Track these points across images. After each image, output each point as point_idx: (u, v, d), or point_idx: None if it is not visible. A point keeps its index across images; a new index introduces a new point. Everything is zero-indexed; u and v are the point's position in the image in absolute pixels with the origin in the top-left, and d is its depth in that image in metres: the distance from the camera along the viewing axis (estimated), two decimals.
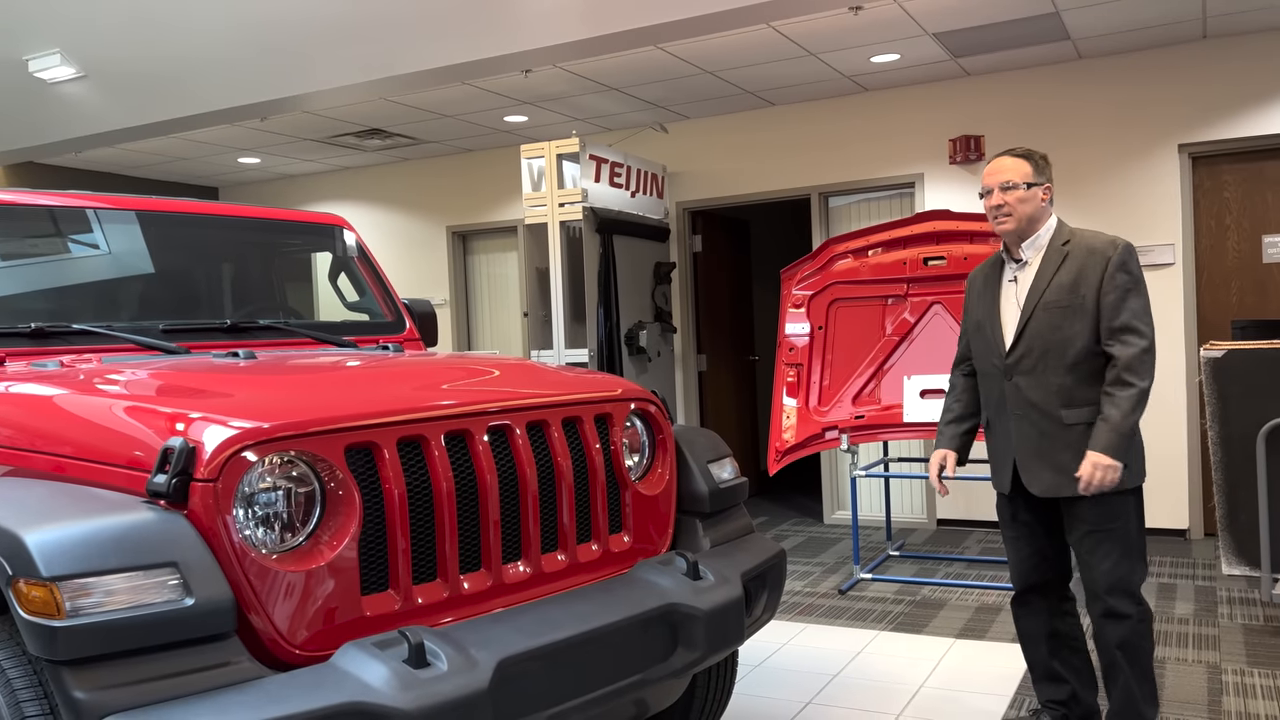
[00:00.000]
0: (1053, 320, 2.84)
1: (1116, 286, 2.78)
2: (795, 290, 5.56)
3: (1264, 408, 4.07)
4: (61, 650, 1.70)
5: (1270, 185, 5.84)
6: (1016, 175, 2.92)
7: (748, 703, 3.64)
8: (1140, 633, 2.82)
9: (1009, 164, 2.94)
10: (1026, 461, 2.90)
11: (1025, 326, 2.89)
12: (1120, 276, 2.79)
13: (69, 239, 3.14)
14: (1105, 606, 2.83)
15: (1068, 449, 2.83)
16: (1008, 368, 2.92)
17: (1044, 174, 2.93)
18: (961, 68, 6.25)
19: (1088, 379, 2.81)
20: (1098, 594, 2.83)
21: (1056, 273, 2.86)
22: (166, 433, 2.05)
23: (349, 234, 3.84)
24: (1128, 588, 2.82)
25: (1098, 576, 2.83)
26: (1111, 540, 2.82)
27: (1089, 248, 2.85)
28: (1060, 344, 2.83)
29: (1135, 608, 2.82)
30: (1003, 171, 2.93)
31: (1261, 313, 5.87)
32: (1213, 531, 6.00)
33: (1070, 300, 2.82)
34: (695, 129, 7.38)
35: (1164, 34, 5.70)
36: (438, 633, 2.02)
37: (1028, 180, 2.91)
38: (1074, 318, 2.82)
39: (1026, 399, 2.88)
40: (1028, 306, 2.89)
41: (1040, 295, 2.87)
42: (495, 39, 5.23)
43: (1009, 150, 2.99)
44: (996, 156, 2.99)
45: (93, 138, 6.77)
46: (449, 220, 8.41)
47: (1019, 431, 2.91)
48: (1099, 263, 2.81)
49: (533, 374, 2.76)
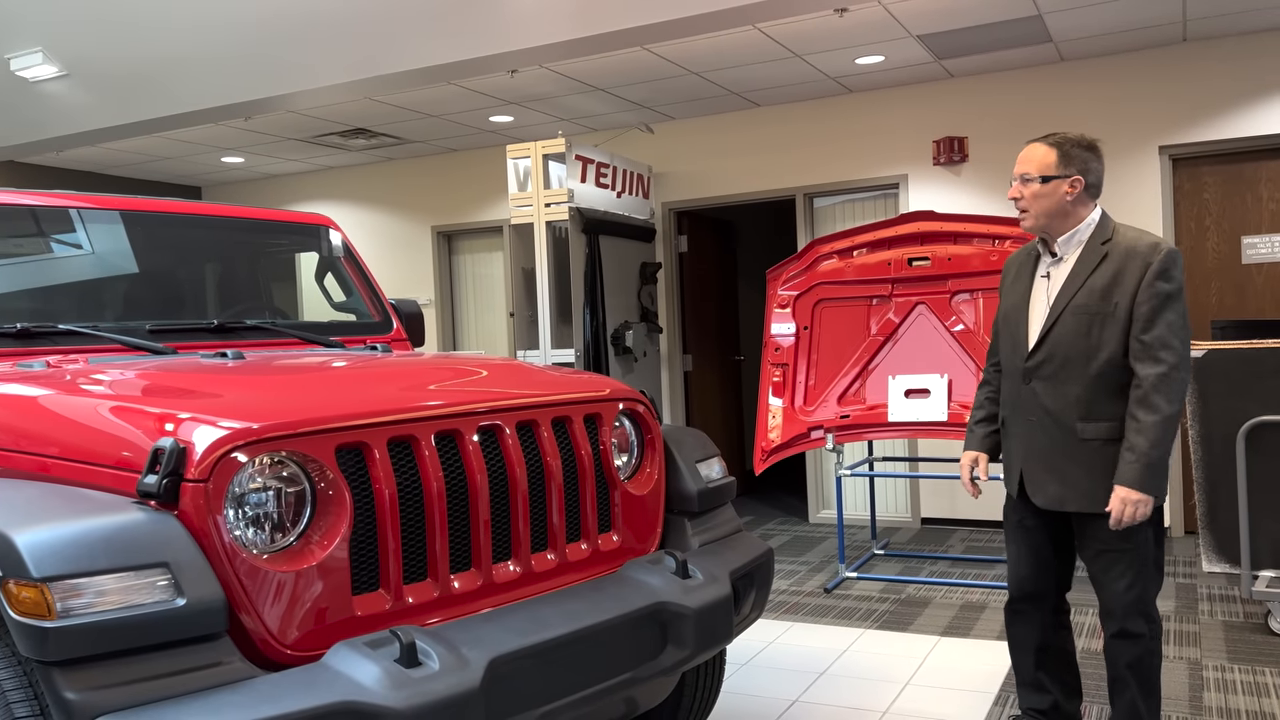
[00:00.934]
0: (1080, 326, 2.66)
1: (1154, 295, 2.59)
2: (781, 290, 5.58)
3: (1243, 407, 4.12)
4: (52, 651, 1.70)
5: (1249, 186, 5.91)
6: (1033, 167, 2.72)
7: (735, 700, 3.66)
8: (1152, 649, 2.71)
9: (1030, 153, 2.74)
10: (1033, 471, 2.78)
11: (1050, 329, 2.72)
12: (1159, 285, 2.59)
13: (54, 239, 3.13)
14: (1119, 627, 2.71)
15: (1078, 464, 2.69)
16: (1027, 371, 2.76)
17: (1073, 165, 2.69)
18: (945, 69, 6.29)
19: (1111, 392, 2.65)
20: (1113, 613, 2.72)
21: (1092, 274, 2.67)
22: (156, 433, 2.05)
23: (335, 234, 3.83)
24: (1142, 607, 2.69)
25: (1113, 597, 2.71)
26: (1127, 560, 2.68)
27: (1129, 249, 2.65)
28: (1085, 352, 2.65)
29: (1149, 626, 2.70)
30: (1022, 161, 2.75)
31: (1240, 313, 5.94)
32: (1194, 529, 6.06)
33: (1102, 306, 2.64)
34: (681, 129, 7.40)
35: (1145, 37, 5.76)
36: (429, 632, 2.03)
37: (1045, 173, 2.70)
38: (1104, 325, 2.64)
39: (1042, 406, 2.73)
40: (1056, 307, 2.72)
41: (1071, 297, 2.69)
42: (481, 39, 5.23)
43: (1044, 136, 2.76)
44: (1029, 142, 2.79)
45: (75, 136, 6.72)
46: (434, 220, 8.39)
47: (1030, 438, 2.78)
48: (1138, 267, 2.61)
49: (522, 374, 2.77)
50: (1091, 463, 2.67)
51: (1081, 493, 2.69)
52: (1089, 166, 2.72)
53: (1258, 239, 5.89)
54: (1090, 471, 2.67)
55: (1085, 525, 2.75)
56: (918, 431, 5.18)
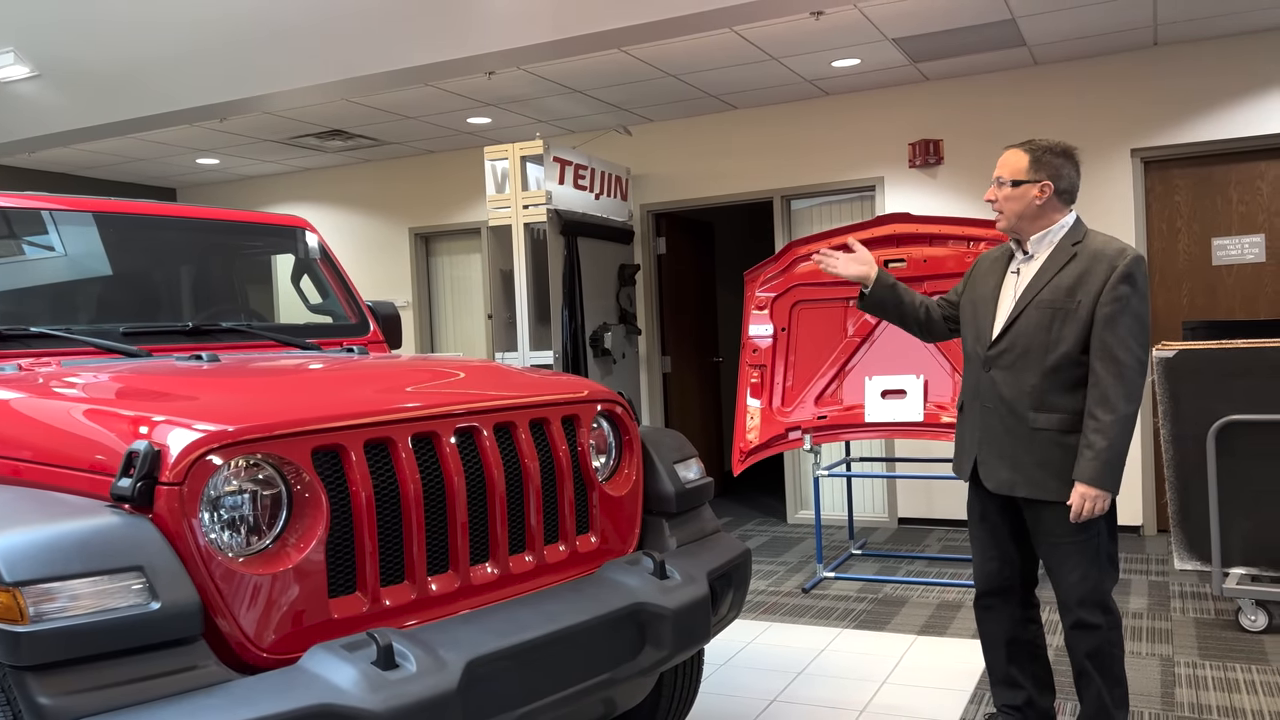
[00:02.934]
0: (1043, 319, 2.75)
1: (1116, 298, 2.66)
2: (759, 292, 5.61)
3: (1213, 407, 4.18)
4: (25, 656, 1.69)
5: (1219, 189, 5.98)
6: (1005, 171, 2.83)
7: (714, 701, 3.67)
8: (1111, 640, 2.77)
9: (1007, 158, 2.84)
10: (986, 456, 2.87)
11: (1014, 321, 2.81)
12: (1122, 288, 2.67)
13: (25, 241, 3.10)
14: (1075, 618, 2.78)
15: (1029, 452, 2.77)
16: (988, 359, 2.86)
17: (1044, 170, 2.78)
18: (921, 72, 6.34)
19: (1064, 386, 2.74)
20: (1068, 606, 2.79)
21: (1059, 273, 2.76)
22: (130, 436, 2.03)
23: (311, 235, 3.82)
24: (1098, 598, 2.76)
25: (1067, 589, 2.78)
26: (1080, 552, 2.75)
27: (1097, 252, 2.74)
28: (1045, 345, 2.74)
29: (1105, 617, 2.77)
30: (998, 166, 2.85)
31: (1211, 313, 6.02)
32: (1165, 528, 6.13)
33: (1065, 303, 2.73)
34: (658, 132, 7.41)
35: (1117, 41, 5.83)
36: (406, 634, 2.02)
37: (1016, 177, 2.80)
38: (1065, 321, 2.73)
39: (999, 394, 2.82)
40: (1021, 301, 2.81)
41: (1037, 292, 2.78)
42: (458, 41, 5.22)
43: (1023, 142, 2.87)
44: (1007, 147, 2.87)
45: (47, 138, 6.65)
46: (411, 222, 8.37)
47: (985, 424, 2.87)
48: (1103, 269, 2.69)
49: (499, 376, 2.77)
50: (1044, 454, 2.76)
51: (1031, 479, 2.78)
52: (1060, 173, 2.80)
53: (1228, 240, 5.97)
54: (1041, 462, 2.76)
55: (1037, 518, 2.82)
56: (894, 432, 5.21)
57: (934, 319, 3.12)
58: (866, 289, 3.08)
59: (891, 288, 3.08)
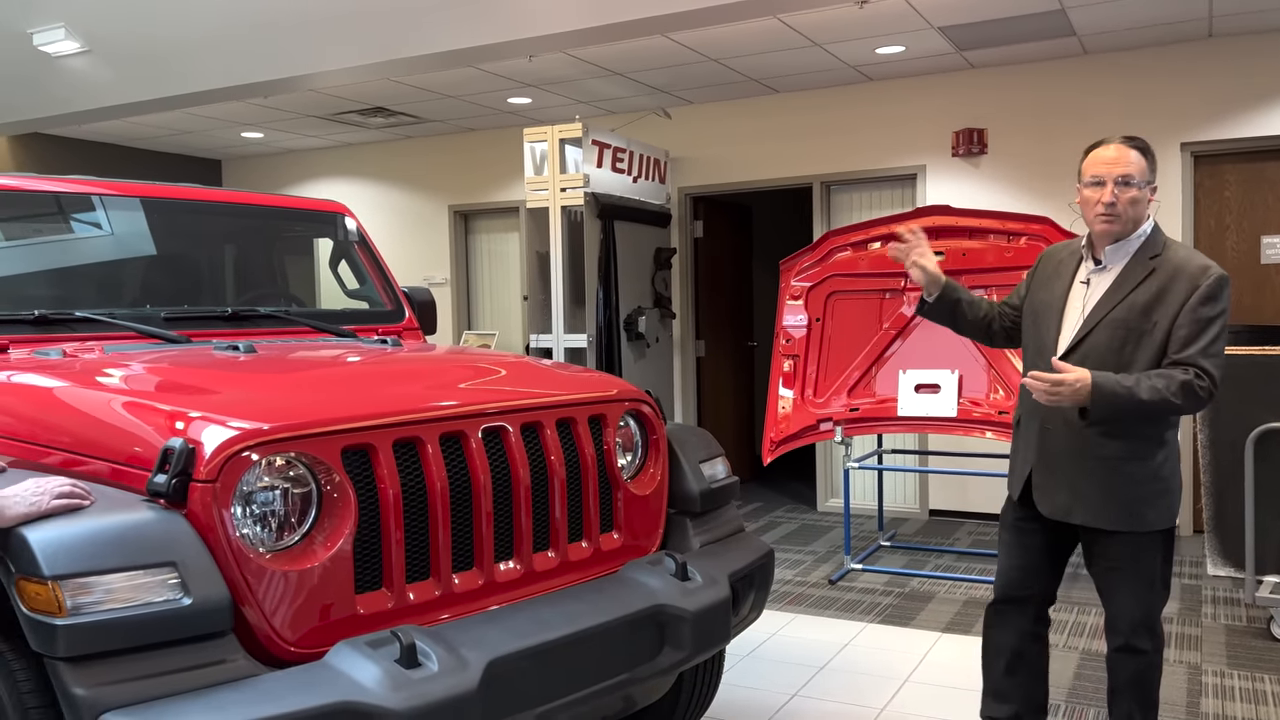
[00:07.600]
0: (1114, 341, 2.56)
1: (1196, 320, 2.48)
2: (794, 281, 5.58)
3: (1254, 413, 4.11)
4: (62, 647, 1.75)
5: (1270, 186, 5.85)
6: (1135, 170, 2.55)
7: (736, 694, 3.70)
8: (1153, 663, 2.68)
9: (1125, 155, 2.56)
10: (1043, 478, 2.70)
11: (1083, 339, 2.61)
12: (1203, 310, 2.48)
13: (72, 225, 3.17)
14: (1124, 641, 2.68)
15: (1091, 478, 2.61)
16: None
17: (1155, 174, 2.61)
18: (966, 60, 6.23)
19: None
20: (1118, 629, 2.68)
21: (1135, 289, 2.56)
22: (167, 431, 2.09)
23: (349, 220, 3.86)
24: (1149, 624, 2.66)
25: (1118, 613, 2.68)
26: (1138, 578, 2.63)
27: (1176, 268, 2.53)
28: (1115, 368, 2.54)
29: (1152, 641, 2.67)
30: (1122, 164, 2.55)
31: (1259, 313, 5.90)
32: (1202, 529, 6.05)
33: (1140, 323, 2.53)
34: (699, 115, 7.37)
35: (1169, 32, 5.69)
36: (429, 632, 2.07)
37: (1146, 179, 2.57)
38: (1139, 343, 2.53)
39: (1063, 414, 2.61)
40: (1092, 318, 2.61)
41: (1109, 310, 2.58)
42: (501, 24, 5.22)
43: (1127, 138, 2.59)
44: (1105, 144, 2.60)
45: (96, 111, 6.76)
46: (451, 199, 8.41)
47: (1043, 446, 2.69)
48: (1183, 289, 2.50)
49: (529, 373, 2.80)
50: (1105, 480, 2.60)
51: (1091, 507, 2.63)
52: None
53: (1277, 239, 5.84)
54: (1102, 488, 2.61)
55: (1094, 542, 2.69)
56: (927, 426, 5.18)
57: (994, 332, 2.94)
58: (929, 297, 2.90)
59: (957, 302, 2.90)
